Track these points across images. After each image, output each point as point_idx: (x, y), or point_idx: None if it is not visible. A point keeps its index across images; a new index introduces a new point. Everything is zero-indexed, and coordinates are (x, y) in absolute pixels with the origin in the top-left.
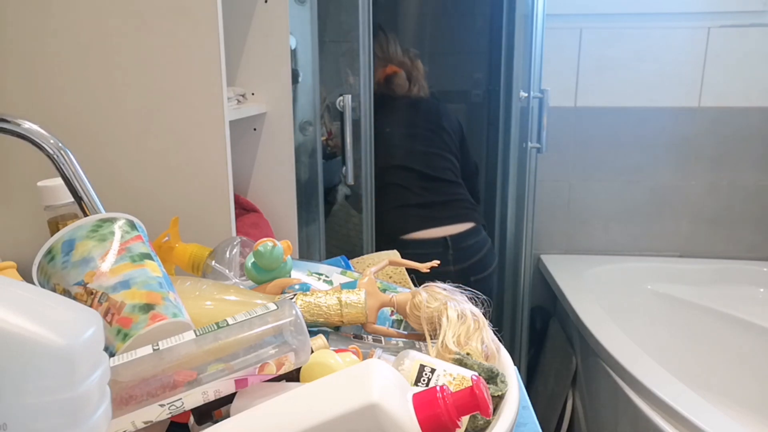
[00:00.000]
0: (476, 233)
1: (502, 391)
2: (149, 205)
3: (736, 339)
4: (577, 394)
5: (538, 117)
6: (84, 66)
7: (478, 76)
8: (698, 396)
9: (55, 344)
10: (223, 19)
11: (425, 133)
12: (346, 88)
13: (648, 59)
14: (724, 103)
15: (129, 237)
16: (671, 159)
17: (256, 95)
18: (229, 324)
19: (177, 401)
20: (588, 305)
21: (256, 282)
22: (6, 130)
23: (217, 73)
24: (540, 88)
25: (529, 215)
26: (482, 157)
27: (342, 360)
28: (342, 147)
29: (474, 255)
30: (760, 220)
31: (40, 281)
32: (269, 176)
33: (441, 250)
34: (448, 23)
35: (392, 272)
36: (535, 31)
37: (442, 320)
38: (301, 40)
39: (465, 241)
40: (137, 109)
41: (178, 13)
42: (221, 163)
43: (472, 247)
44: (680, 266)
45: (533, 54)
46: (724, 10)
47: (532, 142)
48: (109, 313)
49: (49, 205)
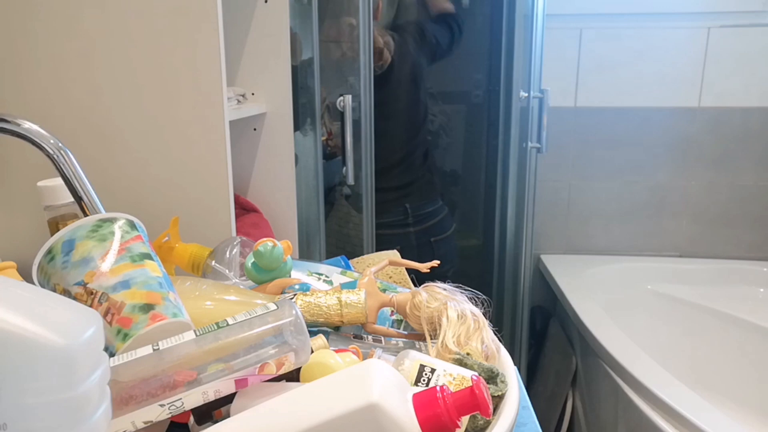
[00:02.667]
0: (434, 202)
1: (502, 391)
2: (149, 205)
3: (736, 339)
4: (577, 394)
5: (538, 117)
6: (84, 66)
7: (478, 76)
8: (698, 396)
9: (55, 344)
10: (223, 19)
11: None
12: (346, 88)
13: (648, 59)
14: (724, 103)
15: (129, 237)
16: (671, 159)
17: (256, 95)
18: (229, 324)
19: (177, 401)
20: (588, 305)
21: (256, 282)
22: (6, 130)
23: (217, 73)
24: (540, 88)
25: (529, 215)
26: (482, 157)
27: (342, 360)
28: (342, 147)
29: (431, 219)
30: (760, 220)
31: (40, 281)
32: (269, 176)
33: (402, 217)
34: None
35: (392, 272)
36: (535, 31)
37: (442, 320)
38: (302, 39)
39: (423, 208)
40: (137, 108)
41: (178, 13)
42: (221, 163)
43: (431, 213)
44: (680, 266)
45: (533, 54)
46: (724, 10)
47: (532, 142)
48: (109, 313)
49: (49, 205)
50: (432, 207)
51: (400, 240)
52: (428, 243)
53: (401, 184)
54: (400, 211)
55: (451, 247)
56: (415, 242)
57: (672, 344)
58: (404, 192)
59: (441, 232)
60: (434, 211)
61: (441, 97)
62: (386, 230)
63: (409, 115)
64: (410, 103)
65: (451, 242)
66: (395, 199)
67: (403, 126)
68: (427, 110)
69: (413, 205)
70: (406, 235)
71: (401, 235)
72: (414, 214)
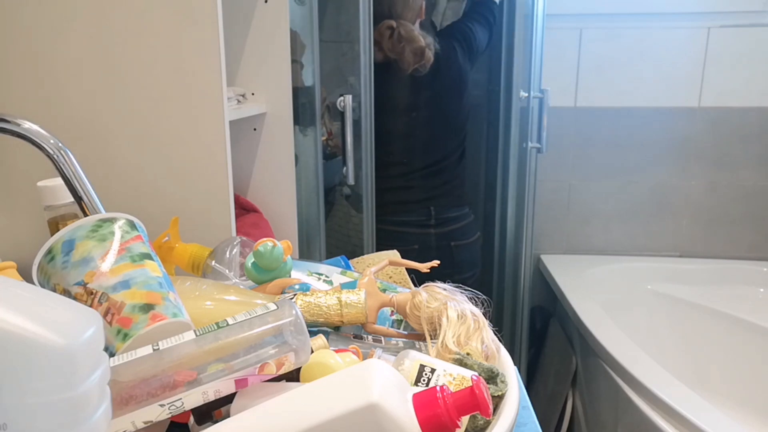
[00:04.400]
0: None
1: (502, 391)
2: (149, 205)
3: (736, 339)
4: (577, 394)
5: (538, 117)
6: (84, 66)
7: (478, 76)
8: (698, 396)
9: (55, 344)
10: (223, 19)
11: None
12: (346, 88)
13: (648, 59)
14: (724, 103)
15: (129, 237)
16: (671, 159)
17: (256, 95)
18: (229, 324)
19: (177, 401)
20: (588, 305)
21: (256, 282)
22: (6, 130)
23: (217, 73)
24: (540, 88)
25: (529, 215)
26: (482, 157)
27: (342, 360)
28: (342, 147)
29: (455, 223)
30: (760, 220)
31: (40, 281)
32: (269, 176)
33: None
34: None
35: (392, 272)
36: (535, 31)
37: (442, 320)
38: (302, 40)
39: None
40: (137, 108)
41: (178, 14)
42: (221, 163)
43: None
44: (680, 266)
45: (533, 54)
46: (724, 10)
47: (532, 142)
48: (109, 313)
49: (49, 205)
50: (457, 212)
51: (419, 240)
52: (448, 246)
53: (432, 185)
54: (424, 212)
55: (472, 253)
56: (435, 244)
57: (672, 344)
58: (432, 194)
59: (462, 238)
60: (459, 216)
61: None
62: (406, 228)
63: (450, 117)
64: (453, 104)
65: (473, 249)
66: (422, 200)
67: (443, 128)
68: (469, 113)
69: (438, 207)
70: (426, 236)
71: (421, 235)
72: (437, 216)
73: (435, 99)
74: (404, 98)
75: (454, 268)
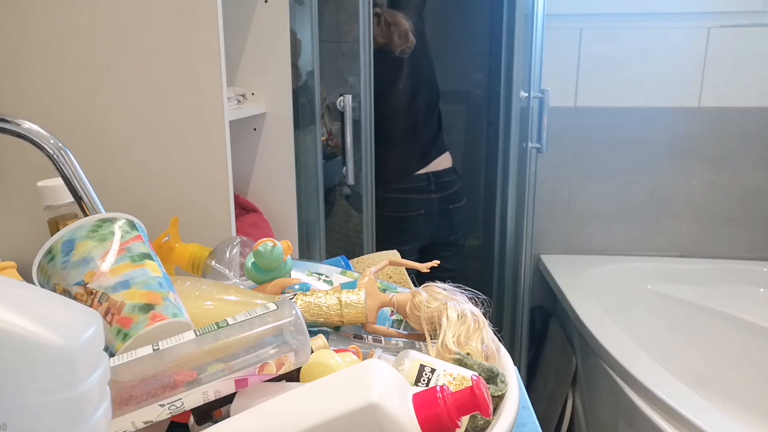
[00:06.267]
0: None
1: (502, 391)
2: (149, 205)
3: (736, 339)
4: (577, 394)
5: (538, 117)
6: (84, 66)
7: (478, 76)
8: (698, 396)
9: (55, 344)
10: (223, 19)
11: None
12: (346, 88)
13: (648, 59)
14: (724, 103)
15: (129, 237)
16: (671, 159)
17: (256, 95)
18: (229, 324)
19: (177, 401)
20: (588, 305)
21: (256, 282)
22: (6, 130)
23: (217, 73)
24: (540, 88)
25: (529, 215)
26: (482, 157)
27: (342, 360)
28: (342, 147)
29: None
30: (760, 220)
31: (40, 281)
32: (269, 176)
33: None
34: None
35: (392, 272)
36: (535, 31)
37: (442, 320)
38: (301, 40)
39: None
40: (137, 108)
41: (178, 13)
42: (221, 163)
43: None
44: (680, 266)
45: (533, 54)
46: (724, 10)
47: (532, 142)
48: (109, 313)
49: (49, 205)
50: (450, 177)
51: (425, 204)
52: (447, 210)
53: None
54: (424, 177)
55: (464, 215)
56: (436, 208)
57: (672, 344)
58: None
59: (457, 201)
60: (452, 181)
61: (441, 97)
62: (412, 195)
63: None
64: (431, 80)
65: (464, 212)
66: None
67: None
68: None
69: (435, 173)
70: (429, 201)
71: (425, 200)
72: (436, 181)
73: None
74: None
75: (451, 228)
